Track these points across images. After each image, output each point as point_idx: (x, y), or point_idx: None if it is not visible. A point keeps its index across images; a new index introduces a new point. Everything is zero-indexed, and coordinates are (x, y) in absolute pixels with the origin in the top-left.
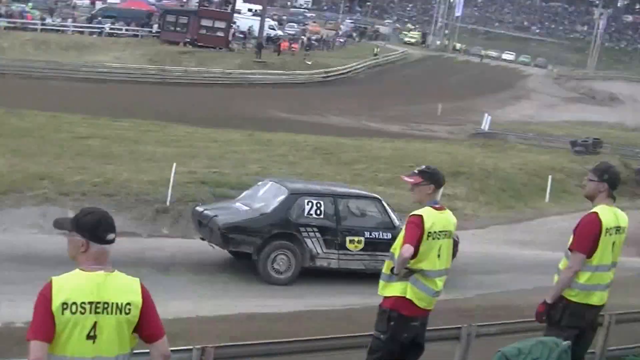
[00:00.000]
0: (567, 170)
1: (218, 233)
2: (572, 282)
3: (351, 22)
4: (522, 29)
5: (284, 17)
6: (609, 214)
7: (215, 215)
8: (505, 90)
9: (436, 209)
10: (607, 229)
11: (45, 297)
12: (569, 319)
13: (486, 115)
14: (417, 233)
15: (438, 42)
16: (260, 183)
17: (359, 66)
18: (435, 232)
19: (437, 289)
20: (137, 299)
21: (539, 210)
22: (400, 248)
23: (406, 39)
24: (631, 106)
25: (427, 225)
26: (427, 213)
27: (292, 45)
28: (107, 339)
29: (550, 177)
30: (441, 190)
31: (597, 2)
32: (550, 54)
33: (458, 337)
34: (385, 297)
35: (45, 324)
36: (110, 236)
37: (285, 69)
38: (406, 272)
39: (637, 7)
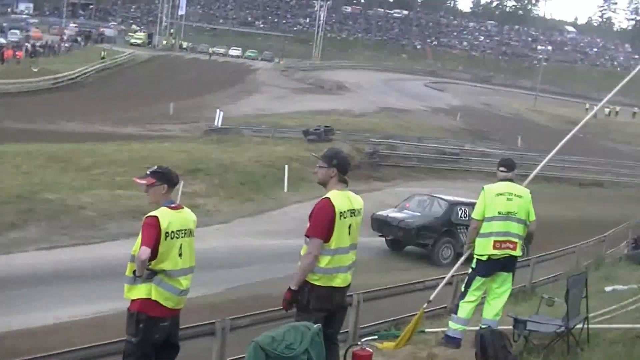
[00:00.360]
0: (303, 159)
1: (413, 231)
2: (315, 267)
3: (75, 27)
4: (247, 24)
5: (5, 25)
6: (342, 198)
7: (403, 220)
8: (236, 85)
9: (172, 208)
10: (340, 212)
11: None
12: (316, 303)
13: (218, 111)
14: (154, 234)
15: (164, 42)
16: (416, 196)
17: (87, 70)
18: (173, 231)
19: (183, 287)
20: None
21: (279, 200)
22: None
23: (132, 41)
24: (358, 93)
25: (164, 225)
26: (162, 213)
27: (17, 53)
28: None
29: (286, 167)
30: (180, 188)
31: None
32: (276, 47)
33: (213, 332)
34: (132, 300)
35: None
36: None
37: (12, 77)
38: (149, 274)
39: None
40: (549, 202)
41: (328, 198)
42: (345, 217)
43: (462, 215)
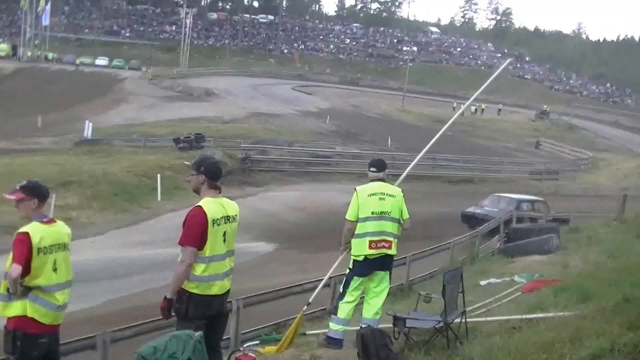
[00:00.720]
0: (175, 168)
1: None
2: (191, 275)
3: None
4: (113, 34)
5: None
6: (215, 205)
7: (487, 214)
8: (105, 96)
9: (45, 222)
10: (213, 220)
11: None
12: (195, 311)
13: (87, 122)
14: (25, 250)
15: (29, 53)
16: (491, 195)
17: None
18: (45, 246)
19: (59, 303)
20: None
21: (154, 209)
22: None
23: None
24: (227, 99)
25: (35, 240)
26: (33, 229)
27: None
28: None
29: (159, 176)
30: (53, 202)
31: (182, 2)
32: (143, 55)
33: (94, 346)
34: (8, 318)
35: None
36: None
37: None
38: (23, 290)
39: (220, 4)
40: (422, 200)
41: (200, 206)
42: (219, 224)
43: (526, 209)
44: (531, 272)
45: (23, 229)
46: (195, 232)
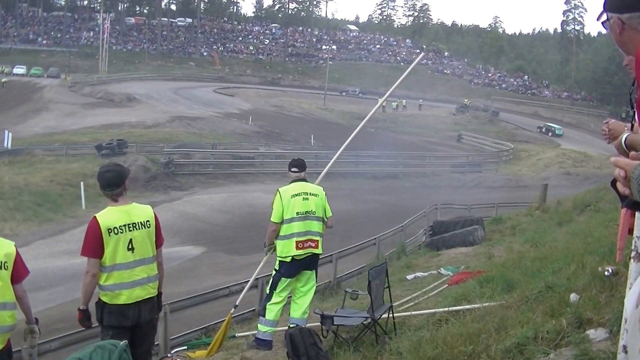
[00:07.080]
0: None
1: None
2: (95, 285)
3: None
4: (29, 42)
5: None
6: (116, 213)
7: None
8: (24, 105)
9: None
10: (109, 228)
11: None
12: (109, 319)
13: (6, 132)
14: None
15: None
16: None
17: None
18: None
19: None
20: None
21: (79, 217)
22: None
23: None
24: (148, 104)
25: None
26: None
27: None
28: None
29: (82, 184)
30: None
31: (99, 7)
32: (62, 63)
33: None
34: None
35: None
36: None
37: None
38: None
39: (138, 9)
40: (347, 197)
41: (95, 216)
42: (119, 233)
43: None
44: (457, 264)
45: None
46: (90, 243)
